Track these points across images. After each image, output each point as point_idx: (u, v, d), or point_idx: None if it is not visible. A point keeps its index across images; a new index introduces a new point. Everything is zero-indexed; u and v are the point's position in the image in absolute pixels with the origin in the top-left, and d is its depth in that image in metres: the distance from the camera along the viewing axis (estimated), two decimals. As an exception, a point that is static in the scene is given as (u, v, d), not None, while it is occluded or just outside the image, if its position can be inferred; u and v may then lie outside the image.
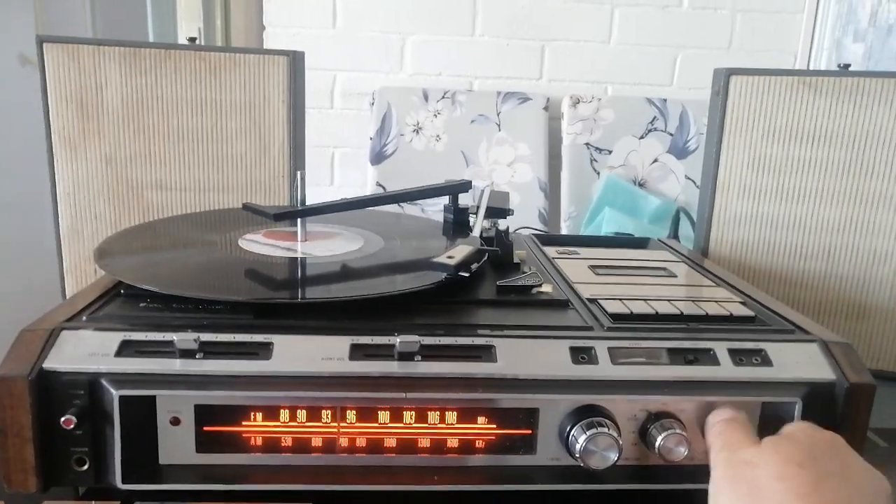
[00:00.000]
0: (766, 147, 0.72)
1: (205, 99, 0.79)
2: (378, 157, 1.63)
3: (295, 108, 0.81)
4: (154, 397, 0.41)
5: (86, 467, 0.41)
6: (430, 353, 0.43)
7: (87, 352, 0.41)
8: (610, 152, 1.66)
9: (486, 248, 0.55)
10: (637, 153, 1.67)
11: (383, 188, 1.63)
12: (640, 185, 1.67)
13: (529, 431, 0.43)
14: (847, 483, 0.34)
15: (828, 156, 0.71)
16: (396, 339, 0.42)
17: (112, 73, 0.77)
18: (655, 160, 1.67)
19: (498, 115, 1.65)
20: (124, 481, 0.40)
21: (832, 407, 0.43)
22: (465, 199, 0.70)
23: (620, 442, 0.42)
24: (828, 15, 1.69)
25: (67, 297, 0.80)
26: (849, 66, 0.77)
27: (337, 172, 1.76)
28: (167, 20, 1.81)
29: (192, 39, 0.86)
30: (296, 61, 0.81)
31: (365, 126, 1.67)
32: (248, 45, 1.76)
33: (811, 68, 1.73)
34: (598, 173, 1.66)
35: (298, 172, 0.60)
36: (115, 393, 0.40)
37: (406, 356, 0.42)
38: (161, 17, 1.80)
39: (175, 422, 0.42)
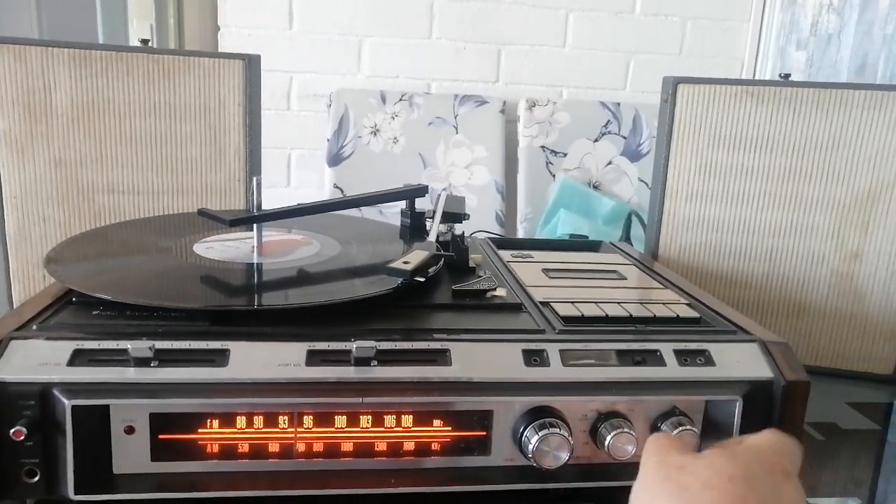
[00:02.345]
0: (711, 153, 0.75)
1: (158, 102, 0.78)
2: (335, 159, 1.63)
3: (251, 112, 0.81)
4: (108, 406, 0.41)
5: (36, 479, 0.40)
6: (386, 357, 0.44)
7: (37, 361, 0.41)
8: (565, 155, 1.69)
9: (441, 252, 0.56)
10: (591, 156, 1.70)
11: (341, 190, 1.62)
12: (595, 188, 1.70)
13: (484, 433, 0.44)
14: None
15: (769, 162, 0.74)
16: (353, 345, 0.43)
17: (61, 75, 0.75)
18: (609, 163, 1.71)
19: (455, 117, 1.66)
20: (77, 492, 0.40)
21: (770, 404, 0.46)
22: (422, 203, 0.71)
23: (572, 442, 0.43)
24: (772, 24, 1.75)
25: (15, 304, 0.78)
26: (789, 75, 0.81)
27: (293, 174, 1.75)
28: (117, 19, 1.77)
29: (145, 41, 0.85)
30: (252, 65, 0.80)
31: (322, 128, 1.66)
32: (203, 46, 1.73)
33: (757, 74, 1.79)
34: (554, 175, 1.68)
35: (255, 178, 0.60)
36: (67, 403, 0.39)
37: (362, 361, 0.43)
38: (111, 15, 1.75)
39: (129, 431, 0.41)
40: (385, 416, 0.44)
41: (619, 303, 0.54)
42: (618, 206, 1.62)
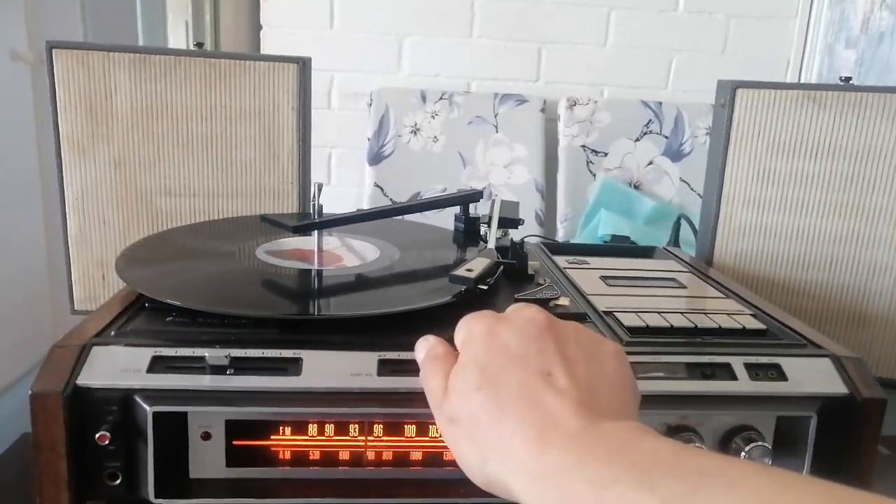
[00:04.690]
0: (770, 159, 0.73)
1: (214, 105, 0.79)
2: (376, 158, 1.64)
3: (304, 115, 0.82)
4: (186, 413, 0.42)
5: (118, 482, 0.41)
6: (456, 368, 0.44)
7: (119, 368, 0.42)
8: (606, 154, 1.68)
9: (505, 260, 0.56)
10: (632, 155, 1.69)
11: (381, 189, 1.63)
12: (636, 188, 1.69)
13: (552, 445, 0.44)
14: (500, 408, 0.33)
15: (831, 169, 0.72)
16: None
17: (122, 79, 0.76)
18: (650, 162, 1.69)
19: (495, 116, 1.66)
20: (157, 495, 0.41)
21: (846, 421, 0.45)
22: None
23: (643, 456, 0.43)
24: (820, 21, 1.71)
25: (76, 303, 0.80)
26: (849, 79, 0.79)
27: (334, 172, 1.76)
28: (157, 17, 1.79)
29: (200, 45, 0.86)
30: (305, 68, 0.81)
31: (362, 126, 1.68)
32: (238, 43, 1.75)
33: (804, 73, 1.76)
34: (594, 175, 1.67)
35: (316, 183, 0.60)
36: (148, 409, 0.40)
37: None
38: (150, 13, 1.78)
39: (206, 437, 0.42)
40: (453, 426, 0.44)
41: (681, 313, 0.53)
42: (659, 206, 1.61)
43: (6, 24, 1.46)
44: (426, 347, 0.40)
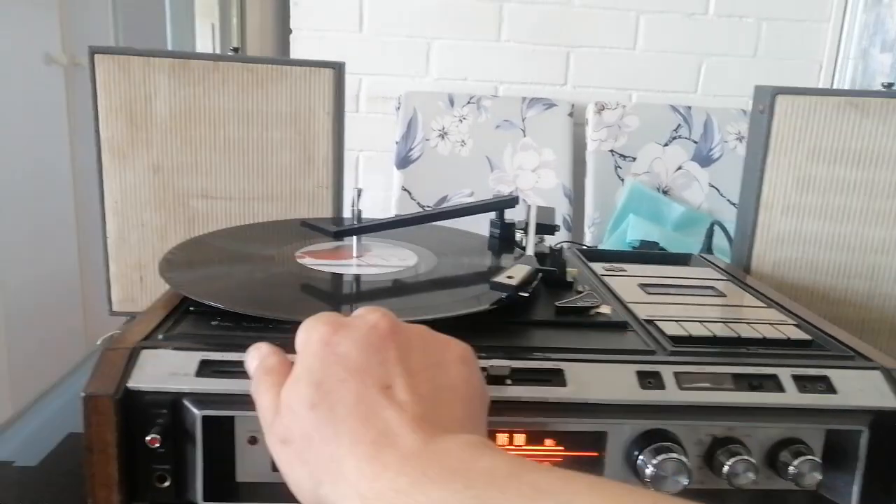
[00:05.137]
0: (811, 166, 0.72)
1: (251, 110, 0.80)
2: (404, 162, 1.64)
3: (338, 120, 0.82)
4: (233, 418, 0.42)
5: (167, 484, 0.42)
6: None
7: (167, 371, 0.42)
8: (634, 159, 1.67)
9: (544, 267, 0.55)
10: (661, 160, 1.67)
11: (409, 192, 1.63)
12: (664, 193, 1.67)
13: (596, 454, 0.44)
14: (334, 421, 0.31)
15: (874, 176, 0.71)
16: (486, 363, 0.43)
17: (161, 84, 0.77)
18: (679, 168, 1.67)
19: (523, 120, 1.65)
20: (206, 499, 0.41)
21: (898, 436, 0.44)
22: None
23: (690, 467, 0.42)
24: (854, 24, 1.69)
25: (113, 305, 0.81)
26: (892, 84, 0.78)
27: (362, 175, 1.77)
28: (185, 19, 1.82)
29: (236, 50, 0.87)
30: (340, 73, 0.82)
31: (390, 130, 1.68)
32: (263, 45, 1.77)
33: (836, 78, 1.73)
34: (623, 180, 1.66)
35: (355, 188, 0.61)
36: (197, 413, 0.41)
37: (496, 380, 0.43)
38: (179, 15, 1.81)
39: (253, 441, 0.42)
40: (497, 435, 0.44)
41: (723, 322, 0.53)
42: (688, 212, 1.59)
43: (41, 28, 1.49)
44: (258, 357, 0.37)
